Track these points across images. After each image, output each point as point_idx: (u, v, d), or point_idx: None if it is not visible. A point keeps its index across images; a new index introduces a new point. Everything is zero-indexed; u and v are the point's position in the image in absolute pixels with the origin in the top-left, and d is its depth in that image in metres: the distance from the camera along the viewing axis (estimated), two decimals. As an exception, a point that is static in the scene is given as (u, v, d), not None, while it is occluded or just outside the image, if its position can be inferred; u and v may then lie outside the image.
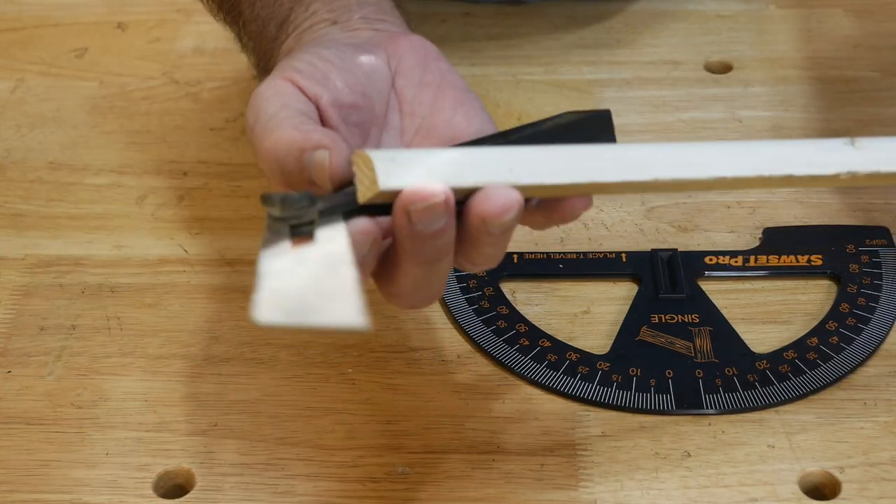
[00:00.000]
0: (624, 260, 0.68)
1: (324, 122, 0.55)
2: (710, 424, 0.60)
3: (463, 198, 0.49)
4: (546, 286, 0.67)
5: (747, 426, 0.59)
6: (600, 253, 0.68)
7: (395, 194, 0.48)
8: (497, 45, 0.85)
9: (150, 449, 0.59)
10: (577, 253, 0.68)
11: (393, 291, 0.52)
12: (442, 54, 0.58)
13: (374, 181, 0.48)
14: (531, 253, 0.68)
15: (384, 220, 0.50)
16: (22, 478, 0.58)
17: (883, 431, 0.59)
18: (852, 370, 0.62)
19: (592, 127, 0.53)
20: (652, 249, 0.68)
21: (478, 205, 0.49)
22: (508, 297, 0.66)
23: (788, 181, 0.52)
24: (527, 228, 0.69)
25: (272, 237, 0.48)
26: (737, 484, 0.57)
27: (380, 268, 0.51)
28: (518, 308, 0.65)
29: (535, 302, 0.66)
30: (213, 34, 0.86)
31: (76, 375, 0.62)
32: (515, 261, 0.68)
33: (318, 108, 0.55)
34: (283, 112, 0.53)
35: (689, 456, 0.58)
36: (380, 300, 0.66)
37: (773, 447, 0.58)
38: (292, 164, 0.51)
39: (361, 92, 0.56)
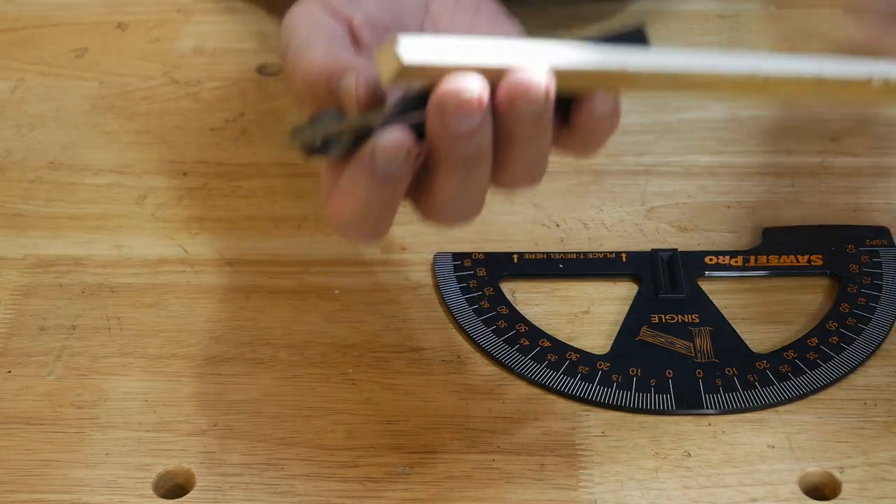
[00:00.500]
0: (624, 260, 0.68)
1: (356, 43, 0.54)
2: (710, 424, 0.60)
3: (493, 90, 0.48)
4: (546, 286, 0.67)
5: (747, 426, 0.59)
6: (600, 253, 0.68)
7: (422, 72, 0.47)
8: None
9: (150, 449, 0.59)
10: (577, 253, 0.68)
11: (428, 205, 0.50)
12: None
13: (396, 57, 0.46)
14: (531, 253, 0.68)
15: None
16: (22, 478, 0.58)
17: (883, 431, 0.59)
18: (852, 370, 0.62)
19: (628, 41, 0.53)
20: (652, 249, 0.68)
21: (505, 86, 0.47)
22: (508, 297, 0.66)
23: (819, 85, 0.51)
24: (528, 229, 0.70)
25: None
26: (737, 484, 0.57)
27: (414, 183, 0.50)
28: (518, 308, 0.65)
29: (535, 302, 0.66)
30: (213, 34, 0.86)
31: (76, 375, 0.62)
32: (515, 261, 0.68)
33: (350, 28, 0.54)
34: (315, 36, 0.52)
35: (689, 456, 0.58)
36: (379, 300, 0.66)
37: (773, 447, 0.58)
38: (323, 89, 0.51)
39: (393, 12, 0.55)
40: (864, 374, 0.62)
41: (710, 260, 0.68)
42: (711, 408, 0.60)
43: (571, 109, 0.51)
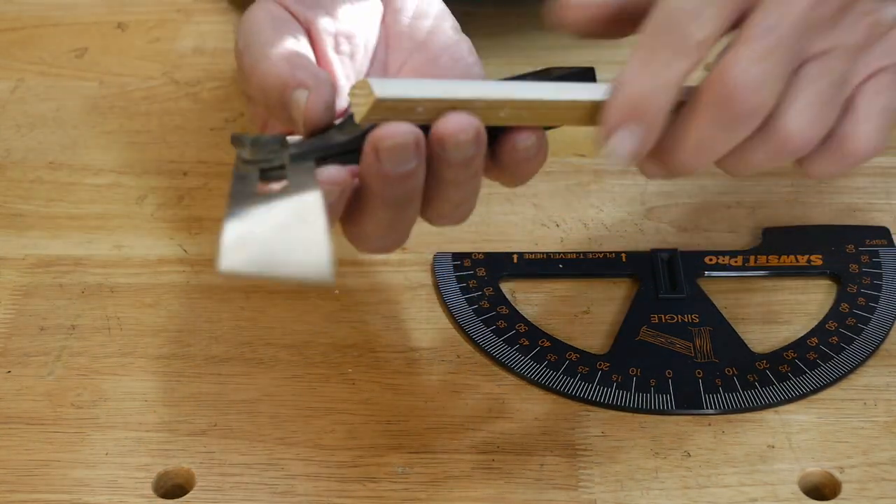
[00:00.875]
0: (624, 260, 0.68)
1: (315, 49, 0.54)
2: (710, 424, 0.60)
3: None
4: (546, 286, 0.67)
5: (747, 426, 0.59)
6: (600, 253, 0.68)
7: (394, 106, 0.47)
8: (497, 44, 0.85)
9: (150, 449, 0.59)
10: (577, 253, 0.68)
11: (357, 233, 0.51)
12: None
13: (370, 93, 0.47)
14: (531, 253, 0.68)
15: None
16: (22, 478, 0.58)
17: (883, 431, 0.59)
18: (852, 370, 0.62)
19: (578, 80, 0.54)
20: (652, 249, 0.68)
21: (436, 128, 0.48)
22: (508, 297, 0.66)
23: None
24: (528, 229, 0.70)
25: (240, 183, 0.47)
26: (737, 484, 0.57)
27: (346, 208, 0.51)
28: (518, 308, 0.65)
29: (535, 302, 0.66)
30: (213, 34, 0.86)
31: (76, 375, 0.62)
32: (515, 261, 0.68)
33: (308, 34, 0.54)
34: (274, 40, 0.53)
35: (689, 456, 0.58)
36: (379, 300, 0.66)
37: (773, 447, 0.58)
38: (276, 98, 0.51)
39: (351, 21, 0.56)
40: (864, 374, 0.62)
41: (710, 260, 0.68)
42: (711, 408, 0.60)
43: (498, 144, 0.51)
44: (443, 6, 0.58)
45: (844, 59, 0.49)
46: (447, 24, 0.57)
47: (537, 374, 0.62)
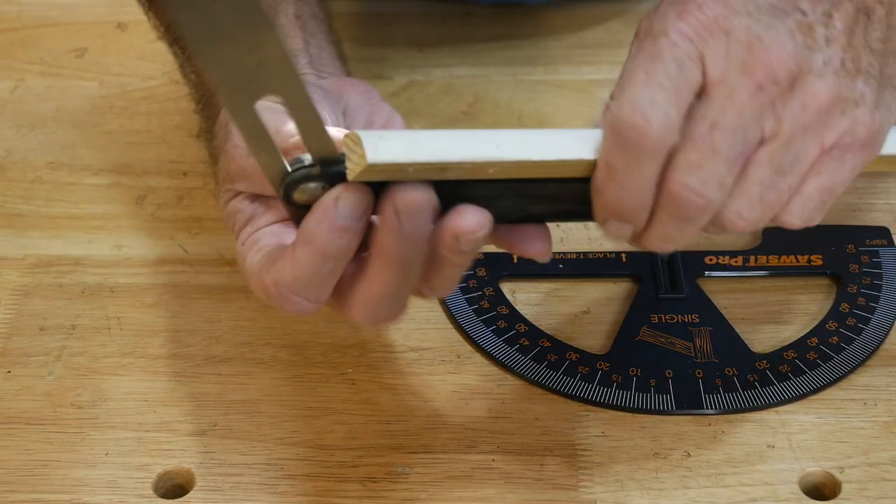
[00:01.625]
0: (624, 260, 0.68)
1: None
2: (710, 424, 0.60)
3: (442, 189, 0.49)
4: (546, 286, 0.67)
5: (747, 426, 0.59)
6: (600, 253, 0.68)
7: (381, 171, 0.48)
8: (497, 45, 0.85)
9: (150, 449, 0.59)
10: (577, 253, 0.68)
11: (360, 298, 0.51)
12: (381, 96, 0.60)
13: (362, 156, 0.48)
14: (531, 253, 0.68)
15: None
16: (22, 478, 0.58)
17: (883, 431, 0.59)
18: (852, 370, 0.62)
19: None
20: (652, 249, 0.68)
21: (451, 222, 0.49)
22: (508, 297, 0.66)
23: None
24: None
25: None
26: (737, 484, 0.57)
27: (350, 276, 0.51)
28: (518, 308, 0.65)
29: (535, 302, 0.66)
30: (213, 34, 0.86)
31: (76, 375, 0.63)
32: (515, 261, 0.68)
33: None
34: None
35: (689, 456, 0.58)
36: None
37: (773, 447, 0.58)
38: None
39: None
40: (864, 374, 0.62)
41: (710, 260, 0.68)
42: (711, 408, 0.60)
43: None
44: (390, 109, 0.59)
45: (796, 141, 0.50)
46: (397, 126, 0.58)
47: (537, 374, 0.62)
